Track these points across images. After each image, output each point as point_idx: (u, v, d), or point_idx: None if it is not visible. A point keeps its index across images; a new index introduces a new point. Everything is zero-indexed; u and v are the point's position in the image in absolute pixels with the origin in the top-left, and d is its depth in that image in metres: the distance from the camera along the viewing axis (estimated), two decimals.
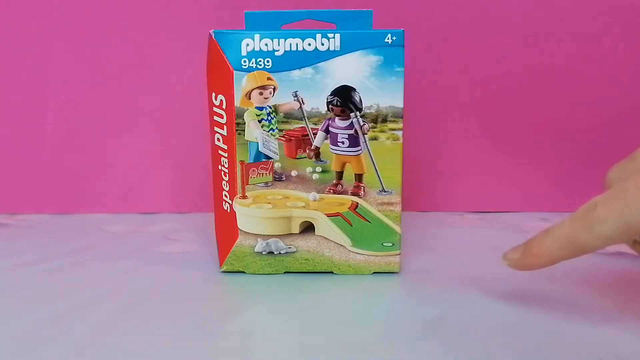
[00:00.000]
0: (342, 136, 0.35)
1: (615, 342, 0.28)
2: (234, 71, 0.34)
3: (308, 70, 0.34)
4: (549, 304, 0.33)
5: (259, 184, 0.36)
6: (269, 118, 0.35)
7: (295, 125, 0.35)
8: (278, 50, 0.34)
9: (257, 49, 0.34)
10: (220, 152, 0.36)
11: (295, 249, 0.37)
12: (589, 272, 0.38)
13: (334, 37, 0.34)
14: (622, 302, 0.33)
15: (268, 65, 0.34)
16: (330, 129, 0.35)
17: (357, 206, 0.36)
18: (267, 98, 0.34)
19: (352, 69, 0.34)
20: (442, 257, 0.41)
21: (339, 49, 0.34)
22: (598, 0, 0.51)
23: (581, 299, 0.33)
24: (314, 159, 0.36)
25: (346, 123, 0.35)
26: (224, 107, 0.35)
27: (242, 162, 0.35)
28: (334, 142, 0.35)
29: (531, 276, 0.37)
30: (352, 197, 0.36)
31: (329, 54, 0.34)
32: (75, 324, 0.30)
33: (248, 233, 0.36)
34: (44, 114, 0.53)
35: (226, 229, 0.37)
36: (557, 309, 0.32)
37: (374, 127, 0.35)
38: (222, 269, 0.37)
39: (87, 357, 0.27)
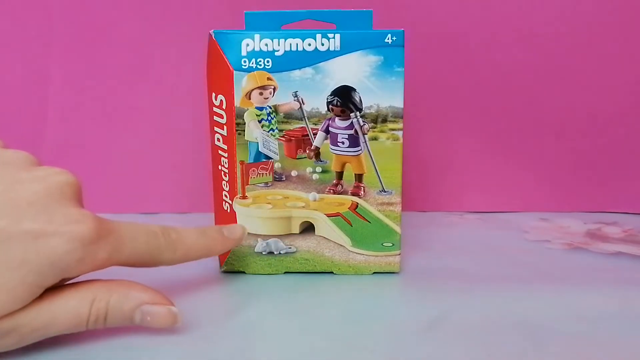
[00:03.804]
0: (342, 136, 0.35)
1: (616, 341, 0.28)
2: (234, 71, 0.34)
3: (308, 70, 0.34)
4: (548, 304, 0.33)
5: (259, 184, 0.36)
6: (269, 118, 0.35)
7: (295, 125, 0.35)
8: (278, 51, 0.34)
9: (257, 49, 0.34)
10: (220, 152, 0.36)
11: (295, 249, 0.37)
12: (589, 272, 0.38)
13: (334, 37, 0.34)
14: (621, 301, 0.33)
15: (268, 65, 0.34)
16: (330, 129, 0.35)
17: (357, 206, 0.36)
18: (267, 98, 0.34)
19: (352, 69, 0.34)
20: (442, 257, 0.41)
21: (339, 49, 0.34)
22: (598, 0, 0.51)
23: (581, 299, 0.33)
24: (314, 159, 0.36)
25: (346, 123, 0.35)
26: (224, 107, 0.35)
27: (242, 162, 0.35)
28: (334, 142, 0.35)
29: (531, 276, 0.37)
30: (352, 197, 0.36)
31: (329, 54, 0.34)
32: None
33: (248, 233, 0.36)
34: (44, 114, 0.53)
35: None
36: (557, 309, 0.32)
37: (374, 127, 0.35)
38: (222, 269, 0.37)
39: (88, 356, 0.27)
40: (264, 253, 0.37)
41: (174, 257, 0.29)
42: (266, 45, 0.34)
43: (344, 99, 0.34)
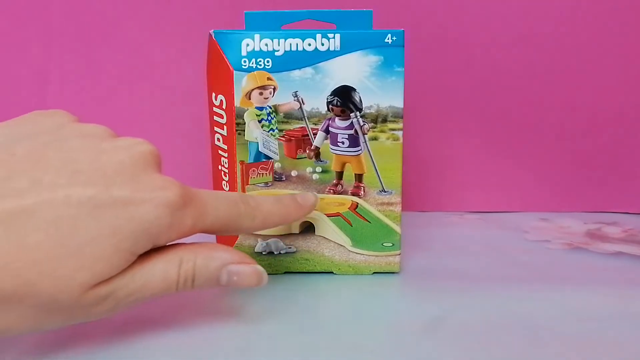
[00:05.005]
0: (342, 136, 0.35)
1: (616, 341, 0.28)
2: (234, 71, 0.34)
3: (308, 70, 0.34)
4: (548, 304, 0.33)
5: (259, 184, 0.36)
6: (269, 118, 0.35)
7: (295, 125, 0.35)
8: (278, 51, 0.34)
9: (257, 49, 0.34)
10: (220, 152, 0.36)
11: (295, 249, 0.37)
12: (589, 272, 0.38)
13: (334, 37, 0.34)
14: (621, 301, 0.33)
15: (268, 65, 0.34)
16: (330, 129, 0.35)
17: (357, 206, 0.36)
18: (267, 98, 0.34)
19: (352, 69, 0.34)
20: (442, 257, 0.41)
21: (339, 49, 0.34)
22: (598, 0, 0.51)
23: (581, 299, 0.33)
24: (314, 159, 0.36)
25: (346, 123, 0.35)
26: (224, 107, 0.35)
27: (242, 162, 0.35)
28: (334, 142, 0.35)
29: (531, 276, 0.37)
30: (352, 197, 0.36)
31: (329, 54, 0.34)
32: (75, 325, 0.30)
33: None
34: None
35: None
36: (557, 309, 0.32)
37: (374, 127, 0.35)
38: None
39: (87, 356, 0.27)
40: (264, 253, 0.37)
41: (253, 224, 0.30)
42: (266, 45, 0.34)
43: (344, 99, 0.34)
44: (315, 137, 0.35)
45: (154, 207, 0.24)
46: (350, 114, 0.35)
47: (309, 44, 0.34)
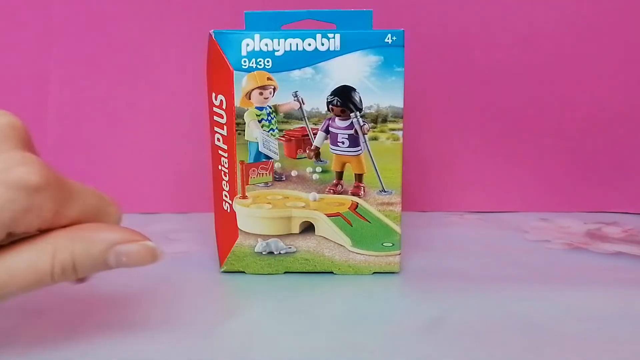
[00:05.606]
0: (342, 136, 0.35)
1: (616, 341, 0.28)
2: (234, 71, 0.34)
3: (308, 70, 0.34)
4: (548, 304, 0.33)
5: (259, 184, 0.36)
6: (269, 118, 0.35)
7: (295, 125, 0.35)
8: (278, 50, 0.34)
9: (257, 49, 0.34)
10: (220, 152, 0.36)
11: (295, 249, 0.37)
12: (589, 272, 0.38)
13: (334, 37, 0.34)
14: (621, 301, 0.33)
15: (268, 65, 0.34)
16: (330, 129, 0.35)
17: (357, 206, 0.36)
18: (267, 98, 0.34)
19: (352, 69, 0.34)
20: (442, 257, 0.41)
21: (339, 49, 0.34)
22: (598, 0, 0.51)
23: (580, 299, 0.33)
24: (314, 159, 0.36)
25: (346, 123, 0.35)
26: (224, 107, 0.35)
27: (242, 162, 0.35)
28: (334, 142, 0.35)
29: (531, 276, 0.37)
30: (352, 197, 0.36)
31: (329, 54, 0.34)
32: (75, 323, 0.30)
33: (248, 233, 0.36)
34: (44, 114, 0.53)
35: (226, 229, 0.37)
36: (557, 309, 0.32)
37: (374, 127, 0.35)
38: (222, 269, 0.37)
39: (88, 356, 0.27)
40: (264, 253, 0.37)
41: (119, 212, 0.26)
42: (266, 45, 0.34)
43: (344, 99, 0.34)
44: (315, 137, 0.35)
45: (6, 187, 0.21)
46: (350, 114, 0.35)
47: (309, 44, 0.34)
